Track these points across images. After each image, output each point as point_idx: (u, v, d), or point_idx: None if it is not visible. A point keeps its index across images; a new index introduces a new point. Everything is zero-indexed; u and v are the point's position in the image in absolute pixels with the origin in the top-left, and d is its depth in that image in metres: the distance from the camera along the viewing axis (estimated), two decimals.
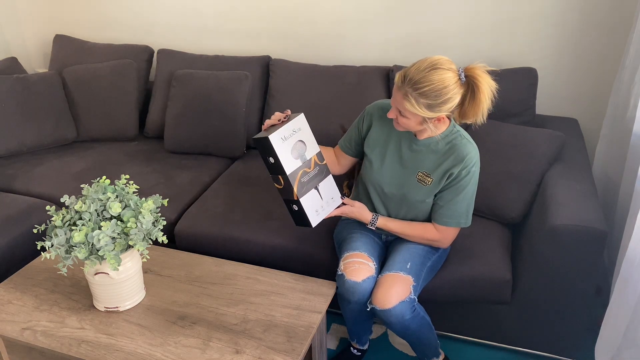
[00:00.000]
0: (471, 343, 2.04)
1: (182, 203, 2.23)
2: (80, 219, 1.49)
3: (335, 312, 2.09)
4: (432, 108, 1.51)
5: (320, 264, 1.93)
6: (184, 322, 1.56)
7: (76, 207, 1.49)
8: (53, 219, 1.50)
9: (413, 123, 1.58)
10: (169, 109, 2.61)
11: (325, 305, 1.62)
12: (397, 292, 1.60)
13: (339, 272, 1.68)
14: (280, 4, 2.68)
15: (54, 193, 2.30)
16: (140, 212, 1.50)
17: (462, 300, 1.86)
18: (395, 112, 1.59)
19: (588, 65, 2.34)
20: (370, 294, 1.64)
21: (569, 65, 2.37)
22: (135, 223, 1.47)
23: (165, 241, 1.52)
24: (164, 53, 2.79)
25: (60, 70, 2.83)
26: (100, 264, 1.50)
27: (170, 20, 2.92)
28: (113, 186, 1.57)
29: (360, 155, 1.86)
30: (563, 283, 1.73)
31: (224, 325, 1.55)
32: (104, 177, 1.59)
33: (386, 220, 1.75)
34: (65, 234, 1.46)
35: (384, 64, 2.55)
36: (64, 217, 1.50)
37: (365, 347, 2.00)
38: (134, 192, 1.98)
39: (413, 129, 1.62)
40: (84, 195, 1.55)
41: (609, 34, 2.26)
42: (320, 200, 1.68)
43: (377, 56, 2.62)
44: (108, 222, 1.45)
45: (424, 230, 1.72)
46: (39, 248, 1.75)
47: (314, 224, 1.67)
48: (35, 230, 1.55)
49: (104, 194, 1.54)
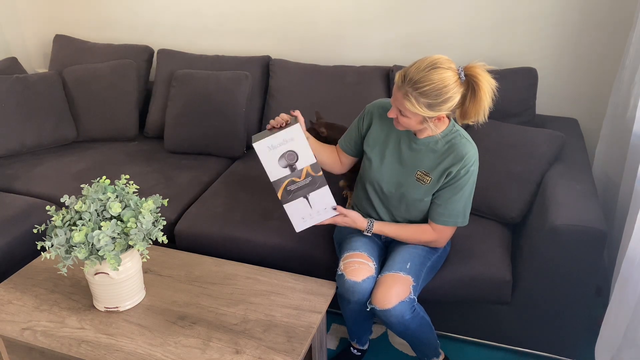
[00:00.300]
0: (471, 343, 2.04)
1: (182, 203, 2.23)
2: (80, 219, 1.49)
3: (335, 312, 2.09)
4: (433, 107, 1.51)
5: (320, 264, 1.93)
6: (184, 322, 1.56)
7: (76, 207, 1.49)
8: (53, 219, 1.50)
9: (413, 122, 1.58)
10: (169, 109, 2.61)
11: (325, 305, 1.62)
12: (397, 292, 1.60)
13: (339, 272, 1.68)
14: (280, 4, 2.68)
15: (54, 193, 2.30)
16: (140, 212, 1.50)
17: (462, 300, 1.86)
18: (395, 112, 1.59)
19: (588, 65, 2.34)
20: (370, 294, 1.65)
21: (569, 65, 2.37)
22: (135, 223, 1.47)
23: (165, 241, 1.52)
24: (164, 53, 2.79)
25: (60, 70, 2.83)
26: (100, 264, 1.50)
27: (170, 20, 2.92)
28: (113, 186, 1.57)
29: (360, 155, 1.86)
30: (563, 283, 1.73)
31: (224, 325, 1.55)
32: (104, 177, 1.59)
33: (381, 225, 1.74)
34: (65, 234, 1.46)
35: (384, 64, 2.55)
36: (64, 217, 1.50)
37: (365, 347, 2.00)
38: (134, 192, 1.98)
39: (413, 128, 1.62)
40: (84, 195, 1.55)
41: (609, 34, 2.26)
42: (309, 209, 1.68)
43: (377, 56, 2.62)
44: (108, 222, 1.45)
45: (420, 232, 1.72)
46: (39, 248, 1.74)
47: (297, 229, 1.71)
48: (35, 230, 1.55)
49: (104, 194, 1.53)
